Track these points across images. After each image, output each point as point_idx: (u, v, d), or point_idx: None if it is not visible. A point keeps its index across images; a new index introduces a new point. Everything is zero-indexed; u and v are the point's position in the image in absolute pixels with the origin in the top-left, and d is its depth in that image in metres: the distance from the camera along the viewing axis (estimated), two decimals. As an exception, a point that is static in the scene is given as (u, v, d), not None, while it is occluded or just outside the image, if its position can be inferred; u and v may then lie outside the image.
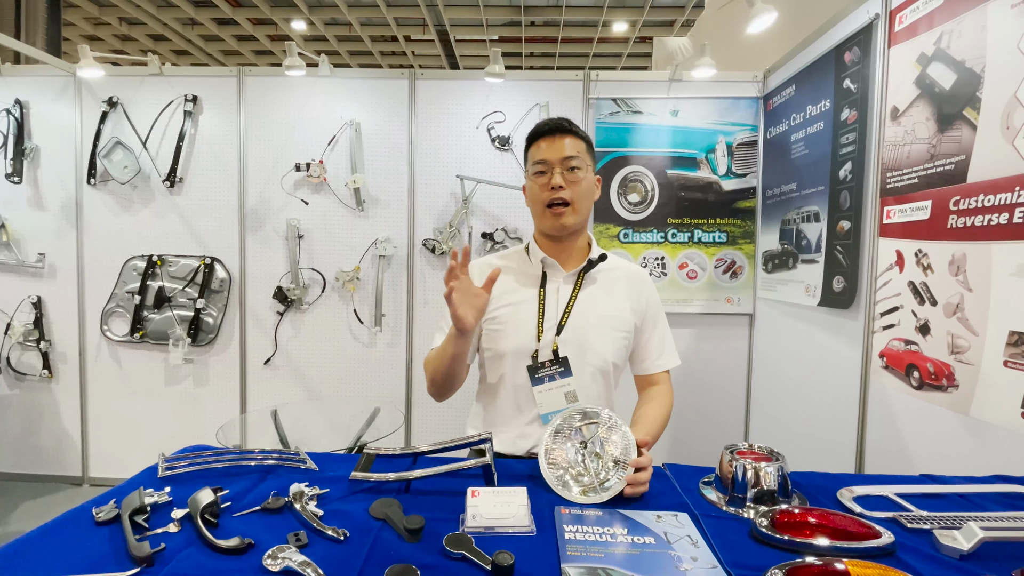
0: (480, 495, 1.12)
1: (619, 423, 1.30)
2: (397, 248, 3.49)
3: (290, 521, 1.09)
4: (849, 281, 2.44)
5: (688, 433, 3.48)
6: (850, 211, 2.44)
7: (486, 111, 3.43)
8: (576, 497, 1.21)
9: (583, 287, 1.58)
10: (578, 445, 1.28)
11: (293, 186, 3.49)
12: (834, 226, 2.57)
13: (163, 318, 3.51)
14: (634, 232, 3.44)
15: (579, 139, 1.54)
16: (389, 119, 3.47)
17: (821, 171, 2.67)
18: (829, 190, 2.60)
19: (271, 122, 3.48)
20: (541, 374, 1.53)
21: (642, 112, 3.40)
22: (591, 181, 1.56)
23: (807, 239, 2.80)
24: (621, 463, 1.23)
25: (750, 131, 3.39)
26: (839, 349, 2.54)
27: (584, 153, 1.54)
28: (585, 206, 1.55)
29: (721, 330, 3.48)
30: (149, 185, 3.52)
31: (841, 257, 2.51)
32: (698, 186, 3.41)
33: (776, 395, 3.18)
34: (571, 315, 1.54)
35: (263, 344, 3.58)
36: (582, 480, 1.23)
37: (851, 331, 2.43)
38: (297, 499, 1.13)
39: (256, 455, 1.32)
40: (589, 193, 1.55)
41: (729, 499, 1.22)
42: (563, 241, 1.59)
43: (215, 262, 3.52)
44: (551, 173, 1.52)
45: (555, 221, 1.54)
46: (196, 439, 3.67)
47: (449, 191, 3.48)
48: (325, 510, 1.12)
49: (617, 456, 1.25)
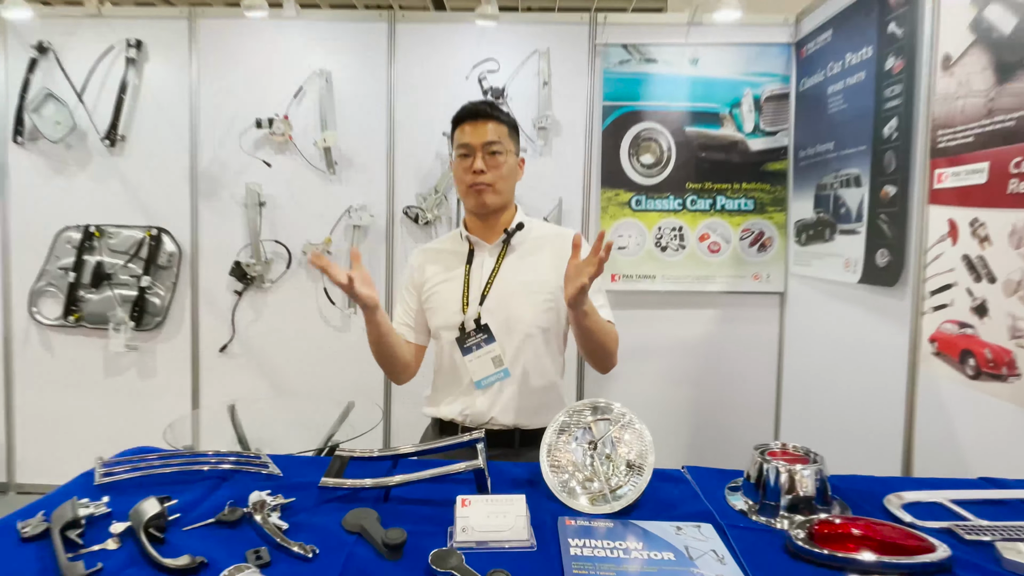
0: (472, 504, 1.10)
1: (634, 420, 1.28)
2: (374, 217, 3.46)
3: (249, 536, 1.07)
4: (894, 255, 2.43)
5: (710, 431, 3.50)
6: (895, 174, 2.43)
7: (477, 59, 3.39)
8: (583, 506, 1.19)
9: (505, 257, 1.86)
10: (586, 446, 1.26)
11: (254, 146, 3.45)
12: (877, 191, 2.55)
13: (102, 299, 3.48)
14: (647, 199, 3.42)
15: (501, 124, 1.81)
16: (365, 68, 3.44)
17: (862, 128, 2.64)
18: (872, 150, 2.59)
19: (228, 72, 3.44)
20: (468, 343, 1.80)
21: (657, 60, 3.36)
22: (512, 164, 1.84)
23: (846, 206, 2.79)
24: (636, 467, 1.22)
25: (781, 82, 3.36)
26: (883, 333, 2.53)
27: (506, 138, 1.80)
28: (506, 187, 1.83)
29: (748, 311, 3.47)
30: (86, 144, 3.47)
31: (885, 227, 2.50)
32: (721, 146, 3.38)
33: (811, 386, 3.18)
34: (493, 285, 1.83)
35: (218, 329, 3.55)
36: (590, 486, 1.22)
37: (897, 312, 2.42)
38: (257, 510, 1.12)
39: (210, 458, 1.30)
40: (510, 175, 1.84)
41: (760, 507, 1.22)
42: (487, 219, 1.87)
43: (162, 233, 3.48)
44: (474, 157, 1.79)
45: (477, 199, 1.82)
46: (141, 440, 3.62)
47: (435, 151, 3.45)
48: (290, 522, 1.11)
49: (631, 459, 1.23)
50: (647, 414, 1.79)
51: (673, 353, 3.50)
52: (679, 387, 3.51)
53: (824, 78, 2.99)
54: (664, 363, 3.49)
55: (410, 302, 1.97)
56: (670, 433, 3.50)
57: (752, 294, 3.45)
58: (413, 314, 1.95)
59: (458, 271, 1.89)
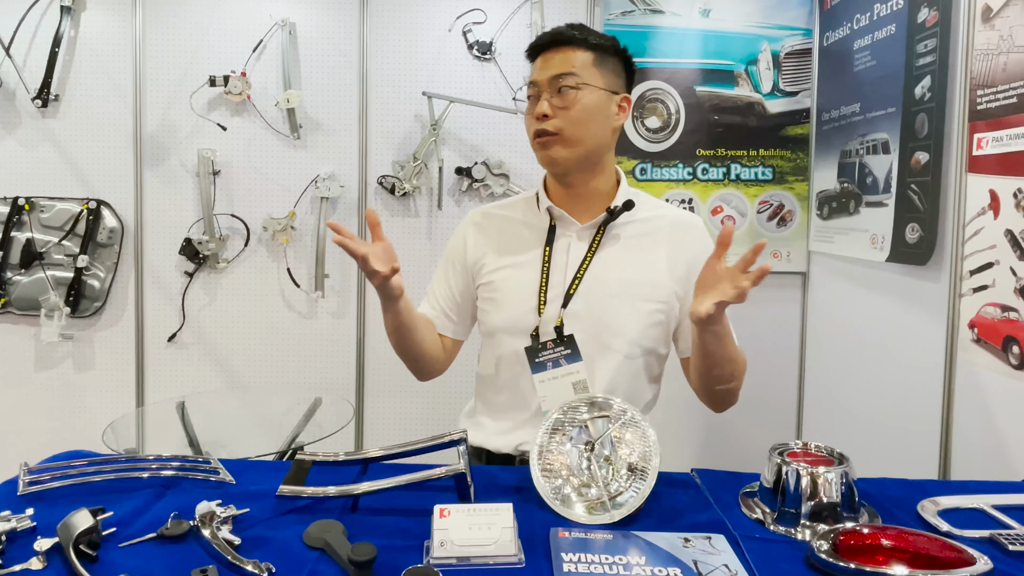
0: (451, 515, 1.08)
1: (637, 417, 1.27)
2: (345, 188, 3.45)
3: (196, 552, 1.06)
4: (927, 230, 2.42)
5: (723, 428, 3.46)
6: (928, 139, 2.41)
7: (461, 9, 3.38)
8: (579, 516, 1.18)
9: (603, 244, 1.56)
10: (582, 447, 1.25)
11: (207, 106, 3.42)
12: (907, 159, 2.54)
13: (32, 281, 3.44)
14: (654, 167, 3.40)
15: (582, 49, 1.51)
16: (334, 18, 3.42)
17: (892, 88, 2.62)
18: (902, 112, 2.57)
19: (178, 22, 3.40)
20: (542, 358, 1.50)
21: (663, 11, 3.34)
22: (594, 102, 1.50)
23: (873, 175, 2.78)
24: (638, 471, 1.21)
25: (802, 36, 3.34)
26: (916, 318, 2.52)
27: (587, 67, 1.50)
28: (583, 135, 1.51)
29: (767, 292, 3.36)
30: (14, 104, 3.42)
31: (916, 199, 2.48)
32: (736, 107, 3.36)
33: (836, 377, 3.17)
34: (583, 281, 1.53)
35: (167, 314, 3.53)
36: (587, 493, 1.21)
37: (931, 294, 2.42)
38: (205, 522, 1.10)
39: (150, 463, 1.28)
40: (588, 118, 1.50)
41: (778, 515, 1.21)
42: (573, 185, 1.57)
43: (102, 206, 3.44)
44: (539, 97, 1.51)
45: (542, 153, 1.53)
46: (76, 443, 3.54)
47: (413, 113, 3.44)
48: (243, 536, 1.09)
49: (633, 462, 1.22)
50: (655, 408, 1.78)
51: None
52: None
53: (850, 32, 2.97)
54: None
55: (453, 283, 1.69)
56: (677, 431, 3.47)
57: (772, 274, 3.38)
58: (455, 300, 1.70)
59: (534, 254, 1.59)
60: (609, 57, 1.54)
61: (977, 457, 2.23)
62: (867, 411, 2.86)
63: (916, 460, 2.49)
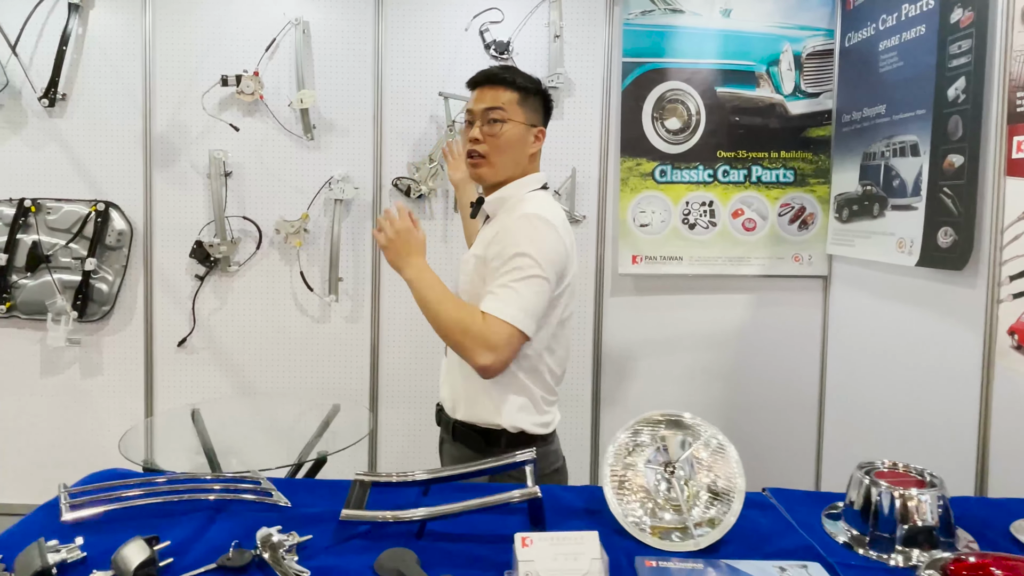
0: (534, 544, 1.01)
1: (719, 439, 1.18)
2: (359, 190, 3.40)
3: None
4: (962, 234, 2.38)
5: (744, 434, 3.36)
6: (963, 142, 2.38)
7: (478, 8, 3.34)
8: (661, 543, 1.11)
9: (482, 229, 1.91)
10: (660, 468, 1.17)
11: (218, 106, 3.37)
12: (939, 161, 2.51)
13: (39, 284, 3.38)
14: (674, 169, 3.36)
15: (510, 89, 1.81)
16: (349, 17, 3.38)
17: (921, 90, 2.61)
18: (933, 114, 2.54)
19: (189, 20, 3.35)
20: None
21: (684, 11, 3.30)
22: (513, 135, 1.80)
23: (900, 178, 2.75)
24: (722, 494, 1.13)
25: (824, 37, 3.31)
26: (949, 324, 2.48)
27: (512, 105, 1.80)
28: (504, 161, 1.82)
29: (787, 296, 3.44)
30: (20, 104, 3.36)
31: (950, 202, 2.45)
32: (757, 108, 3.33)
33: (861, 385, 3.13)
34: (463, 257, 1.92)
35: (176, 319, 3.47)
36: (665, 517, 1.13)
37: (966, 300, 2.37)
38: (269, 550, 1.01)
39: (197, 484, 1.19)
40: (509, 147, 1.81)
41: (871, 540, 1.14)
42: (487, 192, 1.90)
43: (110, 208, 3.38)
44: (473, 124, 1.83)
45: (472, 171, 1.87)
46: (85, 452, 3.67)
47: (429, 114, 3.39)
48: (310, 566, 1.02)
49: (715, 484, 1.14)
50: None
51: (701, 345, 3.45)
52: (708, 384, 3.46)
53: (875, 32, 2.95)
54: (691, 357, 3.44)
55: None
56: None
57: (792, 278, 3.41)
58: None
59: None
60: (531, 97, 1.85)
61: (1017, 470, 2.18)
62: (894, 420, 2.82)
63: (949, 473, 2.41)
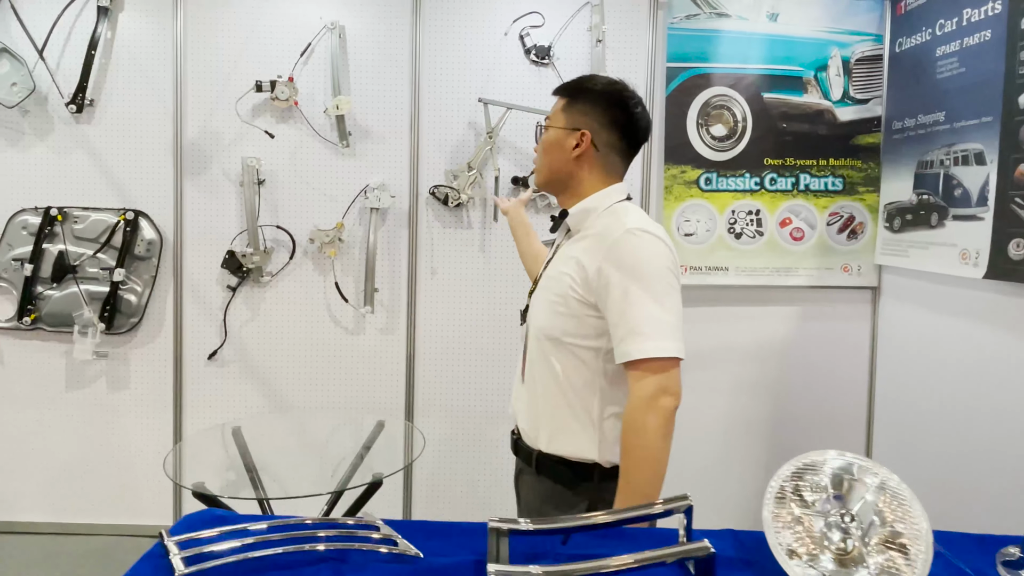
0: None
1: (896, 486, 1.07)
2: (396, 198, 3.35)
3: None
4: (1037, 245, 2.35)
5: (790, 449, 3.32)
6: (1036, 150, 2.35)
7: (518, 12, 3.31)
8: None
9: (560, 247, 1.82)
10: (831, 513, 1.06)
11: (252, 112, 3.33)
12: (1010, 171, 2.47)
13: (65, 295, 3.32)
14: (719, 177, 3.31)
15: (559, 96, 1.82)
16: (385, 22, 3.34)
17: (987, 97, 2.57)
18: (1002, 122, 2.50)
19: (221, 24, 3.32)
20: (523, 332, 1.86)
21: (730, 15, 3.28)
22: (551, 139, 1.79)
23: (963, 187, 2.72)
24: (906, 549, 1.01)
25: (873, 42, 3.29)
26: (1018, 339, 2.43)
27: (557, 111, 1.79)
28: (542, 165, 1.82)
29: (835, 308, 3.39)
30: (46, 110, 3.32)
31: (1022, 213, 2.41)
32: (805, 115, 3.30)
33: (912, 399, 3.07)
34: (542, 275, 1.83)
35: (207, 331, 3.42)
36: (834, 570, 1.01)
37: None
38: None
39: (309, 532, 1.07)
40: (546, 151, 1.80)
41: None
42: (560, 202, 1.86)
43: (139, 217, 3.34)
44: None
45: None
46: (111, 469, 3.63)
47: (467, 120, 3.35)
48: None
49: (897, 536, 1.02)
50: (715, 429, 1.67)
51: (747, 358, 3.40)
52: (753, 398, 3.40)
53: (931, 38, 2.93)
54: (736, 370, 3.39)
55: None
56: (742, 451, 3.40)
57: (841, 288, 3.37)
58: None
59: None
60: (579, 100, 1.77)
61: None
62: (950, 439, 2.77)
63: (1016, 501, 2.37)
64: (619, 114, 1.73)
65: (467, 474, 3.43)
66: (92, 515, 3.41)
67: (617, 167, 1.77)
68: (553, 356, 1.70)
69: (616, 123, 1.73)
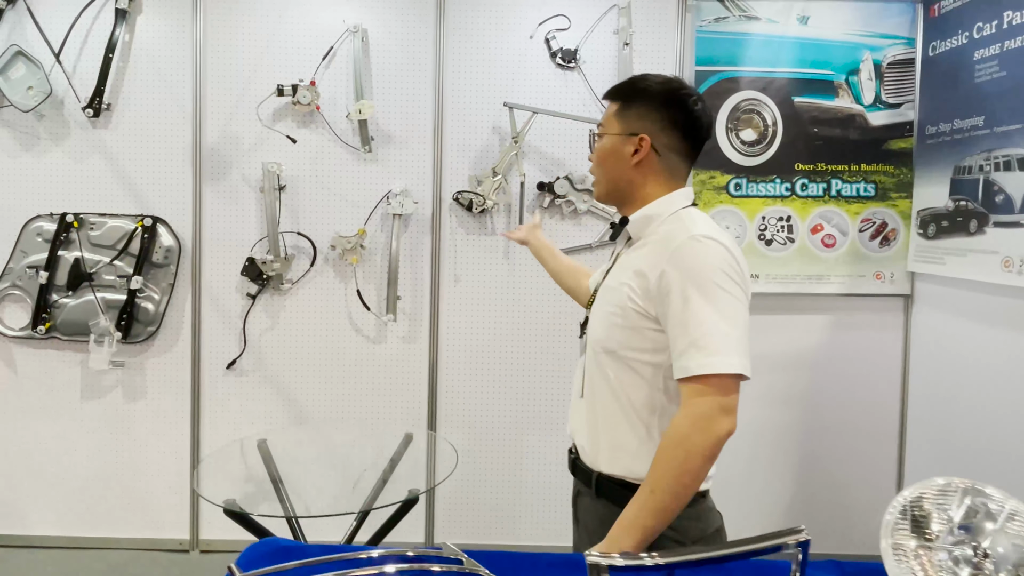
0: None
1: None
2: (418, 204, 3.32)
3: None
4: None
5: (819, 463, 3.34)
6: (1082, 156, 2.33)
7: (544, 15, 3.28)
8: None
9: (620, 256, 1.74)
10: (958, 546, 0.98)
11: (272, 117, 3.29)
12: None
13: (81, 304, 3.29)
14: (749, 182, 3.28)
15: (611, 101, 1.73)
16: (408, 25, 3.31)
17: None
18: None
19: (241, 27, 3.29)
20: (581, 346, 1.79)
21: (759, 18, 3.25)
22: (606, 146, 1.71)
23: (1004, 194, 2.69)
24: None
25: (905, 46, 3.26)
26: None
27: (611, 117, 1.71)
28: (600, 176, 1.74)
29: (867, 316, 3.35)
30: (62, 114, 3.29)
31: None
32: (836, 119, 3.27)
33: (947, 411, 3.03)
34: (601, 285, 1.74)
35: (226, 340, 3.37)
36: None
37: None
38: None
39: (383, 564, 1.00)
40: (602, 160, 1.72)
41: None
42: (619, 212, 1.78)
43: (157, 223, 3.30)
44: None
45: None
46: (126, 481, 3.57)
47: (492, 125, 3.31)
48: None
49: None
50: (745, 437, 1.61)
51: (777, 368, 3.35)
52: (783, 407, 3.36)
53: (967, 41, 2.91)
54: (767, 379, 3.34)
55: None
56: (772, 460, 3.36)
57: (873, 296, 3.33)
58: None
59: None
60: (636, 103, 1.68)
61: None
62: (987, 453, 2.73)
63: None
64: (679, 114, 1.63)
65: (491, 489, 3.36)
66: (108, 529, 3.35)
67: (680, 171, 1.67)
68: (611, 370, 1.62)
69: (676, 123, 1.64)
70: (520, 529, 3.36)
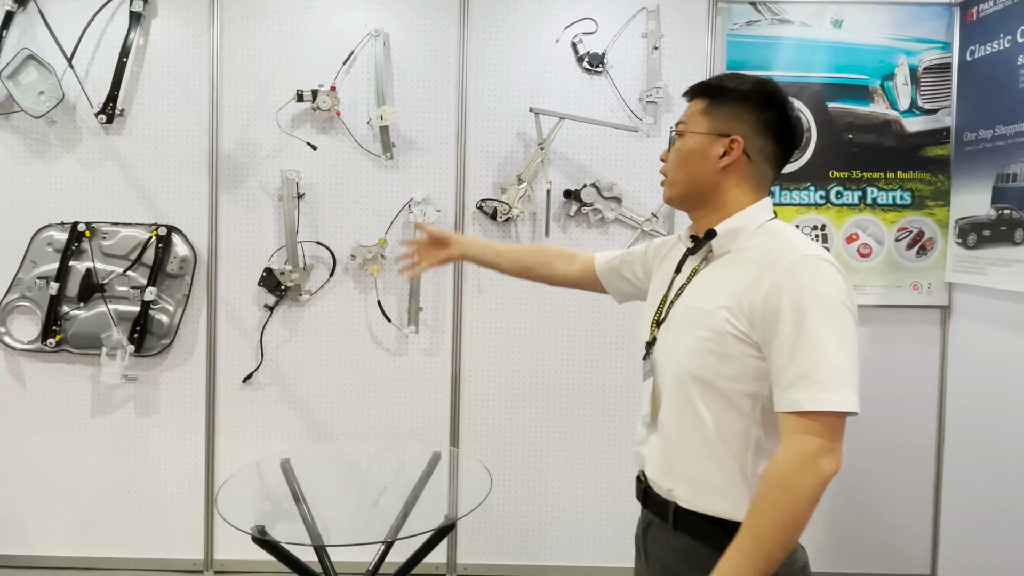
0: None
1: None
2: (441, 213, 3.25)
3: None
4: None
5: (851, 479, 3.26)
6: None
7: (571, 18, 3.23)
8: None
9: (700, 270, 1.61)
10: None
11: (291, 123, 3.24)
12: None
13: (92, 316, 3.24)
14: (783, 190, 3.24)
15: (697, 98, 1.64)
16: (431, 29, 3.27)
17: None
18: None
19: (259, 31, 3.25)
20: (645, 368, 1.65)
21: (792, 21, 3.22)
22: (689, 146, 1.60)
23: None
24: None
25: (941, 50, 3.22)
26: None
27: (694, 115, 1.61)
28: (679, 177, 1.63)
29: (903, 328, 3.29)
30: (75, 120, 3.25)
31: None
32: (872, 126, 3.23)
33: (987, 426, 2.97)
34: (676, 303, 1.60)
35: (242, 352, 3.32)
36: None
37: None
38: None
39: None
40: (683, 161, 1.62)
41: None
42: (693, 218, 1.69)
43: (172, 233, 3.26)
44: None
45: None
46: (138, 499, 3.51)
47: (516, 131, 3.26)
48: None
49: None
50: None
51: None
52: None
53: (1008, 46, 2.89)
54: None
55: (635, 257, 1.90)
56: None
57: (910, 308, 3.28)
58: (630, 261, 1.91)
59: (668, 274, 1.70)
60: (726, 102, 1.58)
61: None
62: None
63: None
64: (775, 117, 1.54)
65: (516, 506, 3.29)
66: (118, 549, 3.28)
67: (767, 178, 1.58)
68: (701, 400, 1.49)
69: (771, 127, 1.54)
70: (546, 550, 3.29)
